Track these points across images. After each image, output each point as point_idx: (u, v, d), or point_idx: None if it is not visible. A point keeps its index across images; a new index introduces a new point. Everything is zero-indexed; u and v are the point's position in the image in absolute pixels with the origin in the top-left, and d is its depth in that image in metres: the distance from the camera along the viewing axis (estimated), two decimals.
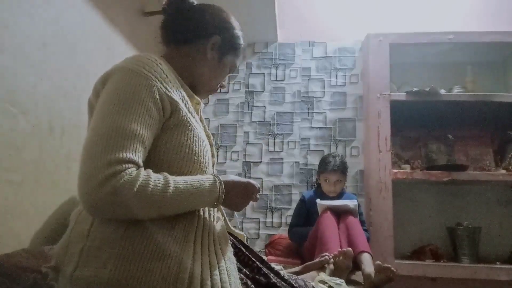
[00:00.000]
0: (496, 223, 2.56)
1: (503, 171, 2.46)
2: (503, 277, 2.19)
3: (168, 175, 0.82)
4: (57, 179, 1.29)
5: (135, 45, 1.87)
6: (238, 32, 1.12)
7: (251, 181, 0.97)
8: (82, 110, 0.93)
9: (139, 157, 0.79)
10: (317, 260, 1.78)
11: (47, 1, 1.26)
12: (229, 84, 2.90)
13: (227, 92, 2.91)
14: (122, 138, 0.77)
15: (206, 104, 2.86)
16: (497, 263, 2.31)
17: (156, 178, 0.79)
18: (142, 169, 0.80)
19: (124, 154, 0.76)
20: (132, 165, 0.77)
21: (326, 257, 1.76)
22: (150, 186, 0.77)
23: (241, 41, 1.12)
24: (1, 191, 1.05)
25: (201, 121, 1.05)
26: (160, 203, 0.79)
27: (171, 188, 0.80)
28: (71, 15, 1.39)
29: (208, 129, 1.07)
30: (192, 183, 0.84)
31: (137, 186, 0.75)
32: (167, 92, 0.87)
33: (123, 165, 0.75)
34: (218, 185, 0.89)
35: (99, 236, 0.79)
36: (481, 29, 2.51)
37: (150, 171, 0.81)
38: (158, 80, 0.86)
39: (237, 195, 0.94)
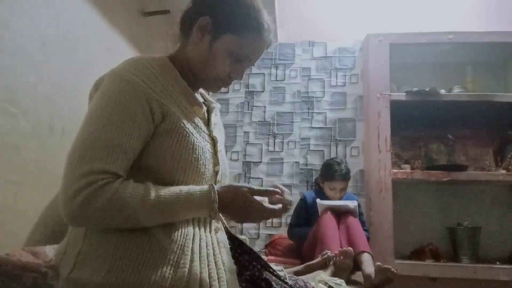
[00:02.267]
0: (496, 223, 2.56)
1: (503, 171, 2.46)
2: (503, 277, 2.19)
3: (151, 185, 0.79)
4: (57, 179, 1.28)
5: (135, 45, 1.87)
6: (242, 9, 0.92)
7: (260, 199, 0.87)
8: (82, 110, 0.92)
9: (118, 167, 0.77)
10: (319, 259, 1.78)
11: (47, 1, 1.25)
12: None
13: (227, 92, 2.91)
14: (99, 148, 0.76)
15: None
16: (497, 263, 2.31)
17: (135, 187, 0.77)
18: (121, 179, 0.77)
19: (100, 165, 0.74)
20: (107, 176, 0.75)
21: (328, 254, 1.76)
22: (127, 195, 0.75)
23: (249, 21, 0.92)
24: (1, 191, 1.04)
25: (208, 124, 0.99)
26: (138, 213, 0.76)
27: (151, 197, 0.77)
28: (71, 15, 1.39)
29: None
30: (179, 192, 0.80)
31: (109, 196, 0.73)
32: (157, 96, 0.83)
33: (96, 176, 0.74)
34: (212, 195, 0.82)
35: (95, 240, 0.79)
36: (481, 29, 2.51)
37: (131, 181, 0.78)
38: (147, 84, 0.83)
39: (237, 205, 0.85)
